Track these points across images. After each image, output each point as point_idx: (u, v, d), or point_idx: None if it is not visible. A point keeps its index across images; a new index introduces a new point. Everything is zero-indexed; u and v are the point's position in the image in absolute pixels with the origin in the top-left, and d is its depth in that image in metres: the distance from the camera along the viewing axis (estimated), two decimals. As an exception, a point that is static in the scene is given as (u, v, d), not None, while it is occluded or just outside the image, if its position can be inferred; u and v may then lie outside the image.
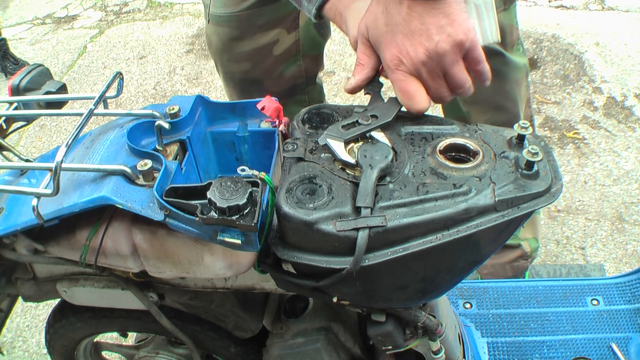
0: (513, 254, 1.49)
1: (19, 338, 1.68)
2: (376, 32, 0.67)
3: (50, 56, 2.99)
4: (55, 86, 0.81)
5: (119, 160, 0.68)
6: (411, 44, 0.64)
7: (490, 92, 1.23)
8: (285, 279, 0.67)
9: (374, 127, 0.67)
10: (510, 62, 1.21)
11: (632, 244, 1.78)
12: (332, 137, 0.65)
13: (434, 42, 0.64)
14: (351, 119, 0.67)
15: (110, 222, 0.70)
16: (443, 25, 0.63)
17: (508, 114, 1.27)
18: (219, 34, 1.23)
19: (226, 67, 1.28)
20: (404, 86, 0.67)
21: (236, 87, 1.31)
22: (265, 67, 1.25)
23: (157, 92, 2.64)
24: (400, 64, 0.66)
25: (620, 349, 1.13)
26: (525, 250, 1.49)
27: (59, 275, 0.84)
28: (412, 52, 0.64)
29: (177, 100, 0.75)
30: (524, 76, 1.28)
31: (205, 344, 0.93)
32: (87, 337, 1.01)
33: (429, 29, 0.63)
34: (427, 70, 0.66)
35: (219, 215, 0.57)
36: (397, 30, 0.65)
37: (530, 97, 1.35)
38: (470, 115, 1.26)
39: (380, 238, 0.58)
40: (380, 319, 0.74)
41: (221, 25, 1.22)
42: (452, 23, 0.64)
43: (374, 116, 0.68)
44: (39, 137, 2.47)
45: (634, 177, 1.99)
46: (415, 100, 0.68)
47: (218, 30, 1.23)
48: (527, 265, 1.53)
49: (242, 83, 1.29)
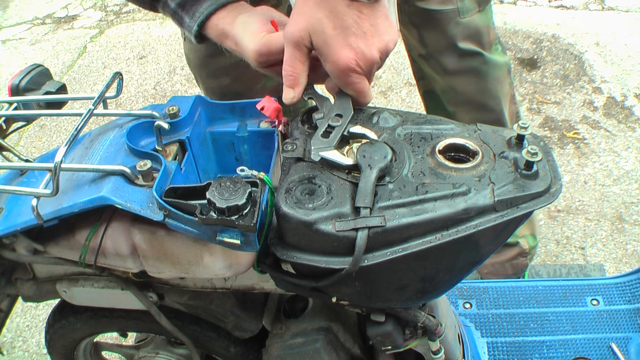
0: (512, 252, 1.49)
1: (19, 338, 1.68)
2: (323, 37, 0.65)
3: (50, 56, 2.99)
4: (55, 86, 0.81)
5: (119, 160, 0.68)
6: (366, 44, 0.65)
7: (472, 92, 1.26)
8: (284, 279, 0.67)
9: (348, 124, 0.67)
10: (489, 61, 1.24)
11: (632, 244, 1.78)
12: (321, 149, 0.64)
13: (385, 41, 0.66)
14: (322, 127, 0.67)
15: (109, 223, 0.70)
16: (387, 25, 0.66)
17: (492, 111, 1.29)
18: (195, 51, 1.23)
19: (206, 82, 1.28)
20: (360, 87, 0.68)
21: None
22: (246, 80, 1.24)
23: (157, 92, 2.64)
24: (356, 66, 0.66)
25: (620, 349, 1.13)
26: (524, 247, 1.49)
27: (59, 275, 0.84)
28: (367, 53, 0.65)
29: (177, 100, 0.75)
30: (506, 73, 1.30)
31: (204, 344, 0.93)
32: (87, 337, 1.01)
33: (379, 29, 0.65)
34: (375, 69, 0.68)
35: (218, 216, 0.57)
36: (349, 32, 0.65)
37: (514, 94, 1.36)
38: (455, 115, 1.28)
39: (379, 238, 0.58)
40: (380, 319, 0.74)
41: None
42: (391, 24, 0.67)
43: (338, 115, 0.68)
44: (39, 137, 2.47)
45: (634, 177, 1.99)
46: (368, 96, 0.70)
47: (194, 48, 1.23)
48: (526, 262, 1.53)
49: (224, 97, 1.26)
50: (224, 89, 1.26)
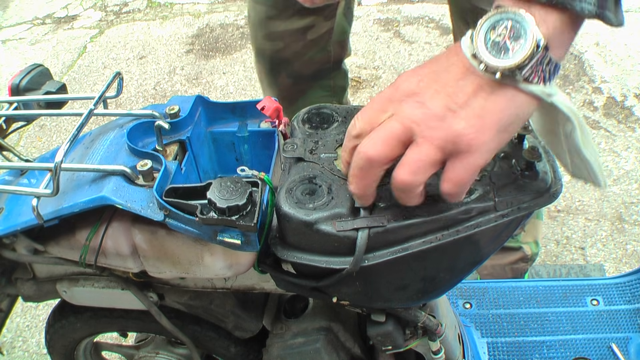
0: (514, 256, 1.50)
1: (19, 338, 1.68)
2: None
3: (50, 56, 2.99)
4: (55, 86, 0.81)
5: (119, 160, 0.68)
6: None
7: None
8: (285, 279, 0.67)
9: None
10: None
11: (632, 244, 1.78)
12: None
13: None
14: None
15: (110, 222, 0.70)
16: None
17: None
18: (257, 11, 1.25)
19: (260, 43, 1.30)
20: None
21: (266, 64, 1.33)
22: (297, 49, 1.28)
23: (157, 92, 2.64)
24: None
25: (620, 349, 1.13)
26: (526, 253, 1.50)
27: (59, 275, 0.84)
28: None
29: (177, 100, 0.75)
30: None
31: (205, 344, 0.93)
32: (87, 337, 1.01)
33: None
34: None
35: (218, 216, 0.57)
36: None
37: None
38: None
39: (380, 238, 0.58)
40: (380, 319, 0.74)
41: (259, 2, 1.25)
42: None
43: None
44: (39, 137, 2.47)
45: (634, 177, 1.99)
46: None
47: (256, 7, 1.26)
48: (527, 267, 1.53)
49: (272, 60, 1.31)
50: (275, 53, 1.29)
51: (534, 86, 0.47)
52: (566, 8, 0.45)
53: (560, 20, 0.47)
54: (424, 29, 2.86)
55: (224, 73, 2.72)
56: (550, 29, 0.46)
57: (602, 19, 0.47)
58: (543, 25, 0.46)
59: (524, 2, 0.47)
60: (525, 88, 0.48)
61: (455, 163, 0.50)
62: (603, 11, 0.46)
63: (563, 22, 0.47)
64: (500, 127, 0.49)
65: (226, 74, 2.71)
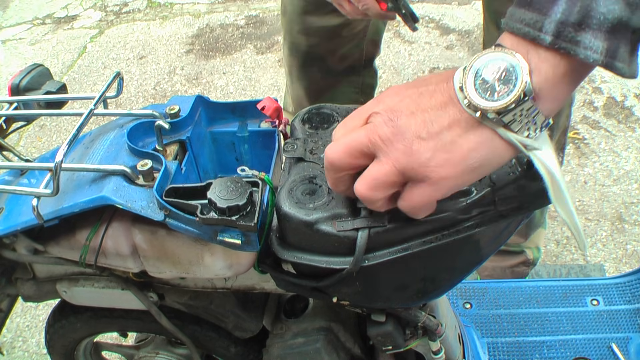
0: (516, 260, 1.50)
1: (19, 338, 1.68)
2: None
3: (50, 56, 2.99)
4: (55, 86, 0.81)
5: (119, 160, 0.68)
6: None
7: None
8: (285, 279, 0.67)
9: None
10: None
11: (632, 244, 1.78)
12: None
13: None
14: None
15: (110, 222, 0.70)
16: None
17: None
18: (294, 4, 1.25)
19: (294, 37, 1.29)
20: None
21: (299, 58, 1.33)
22: (331, 46, 1.28)
23: (157, 92, 2.64)
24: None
25: (620, 349, 1.13)
26: (529, 257, 1.50)
27: (59, 275, 0.84)
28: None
29: (177, 100, 0.75)
30: (567, 105, 1.29)
31: (205, 344, 0.93)
32: (87, 337, 1.01)
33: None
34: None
35: (218, 216, 0.57)
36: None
37: (568, 127, 1.34)
38: None
39: (380, 238, 0.58)
40: (380, 319, 0.74)
41: None
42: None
43: None
44: (39, 137, 2.47)
45: (634, 177, 1.99)
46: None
47: (294, 1, 1.25)
48: (527, 271, 1.54)
49: (305, 56, 1.31)
50: (309, 49, 1.29)
51: (513, 134, 0.45)
52: (569, 54, 0.43)
53: (559, 69, 0.44)
54: (424, 29, 2.86)
55: (224, 73, 2.72)
56: (543, 80, 0.44)
57: (610, 69, 0.43)
58: (537, 75, 0.44)
59: (527, 42, 0.44)
60: (503, 134, 0.46)
61: (413, 189, 0.49)
62: (612, 61, 0.43)
63: (562, 71, 0.44)
64: (467, 167, 0.47)
65: (226, 74, 2.71)
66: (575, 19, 0.42)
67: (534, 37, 0.43)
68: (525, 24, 0.44)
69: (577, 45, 0.42)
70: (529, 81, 0.44)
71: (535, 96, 0.44)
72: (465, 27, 2.84)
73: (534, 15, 0.43)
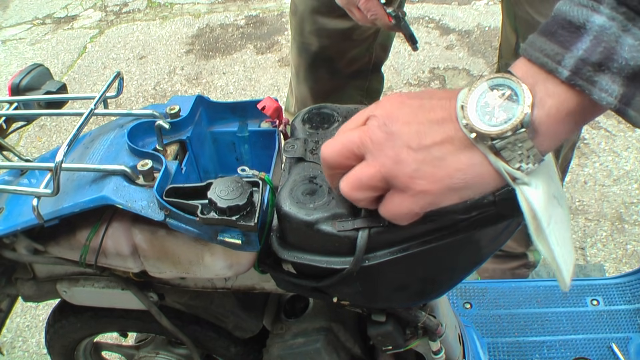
0: (517, 262, 1.50)
1: (19, 338, 1.68)
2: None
3: (50, 56, 2.99)
4: (55, 86, 0.81)
5: (119, 160, 0.68)
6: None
7: None
8: (285, 279, 0.67)
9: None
10: None
11: (632, 244, 1.78)
12: None
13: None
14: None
15: (110, 222, 0.70)
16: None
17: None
18: (306, 4, 1.23)
19: (304, 37, 1.28)
20: None
21: (308, 59, 1.32)
22: (341, 48, 1.27)
23: (157, 92, 2.64)
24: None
25: (620, 349, 1.13)
26: (530, 260, 1.50)
27: (59, 275, 0.84)
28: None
29: (177, 100, 0.75)
30: None
31: (205, 344, 0.93)
32: (87, 337, 1.01)
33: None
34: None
35: (219, 215, 0.57)
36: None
37: (577, 141, 1.32)
38: None
39: (380, 238, 0.58)
40: (381, 319, 0.74)
41: None
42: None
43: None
44: (39, 137, 2.47)
45: (634, 177, 1.99)
46: None
47: (306, 1, 1.24)
48: (527, 274, 1.54)
49: (314, 57, 1.30)
50: (319, 50, 1.28)
51: (503, 164, 0.44)
52: (583, 92, 0.41)
53: (566, 106, 0.42)
54: (424, 29, 2.86)
55: (224, 73, 2.72)
56: (544, 115, 0.43)
57: (622, 115, 0.41)
58: (539, 108, 0.43)
59: (542, 73, 0.43)
60: (494, 162, 0.45)
61: (393, 196, 0.49)
62: (626, 108, 0.41)
63: (569, 109, 0.42)
64: (449, 185, 0.46)
65: (226, 74, 2.71)
66: (597, 59, 0.41)
67: (552, 69, 0.42)
68: (545, 54, 0.43)
69: (594, 85, 0.41)
70: (529, 113, 0.43)
71: (534, 130, 0.43)
72: (465, 27, 2.84)
73: (556, 47, 0.42)
